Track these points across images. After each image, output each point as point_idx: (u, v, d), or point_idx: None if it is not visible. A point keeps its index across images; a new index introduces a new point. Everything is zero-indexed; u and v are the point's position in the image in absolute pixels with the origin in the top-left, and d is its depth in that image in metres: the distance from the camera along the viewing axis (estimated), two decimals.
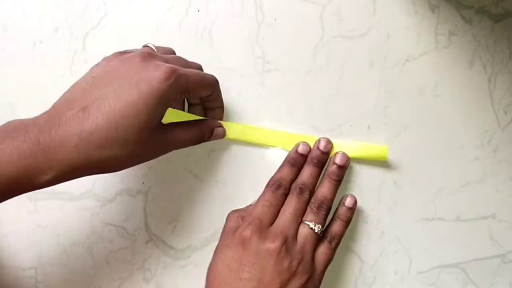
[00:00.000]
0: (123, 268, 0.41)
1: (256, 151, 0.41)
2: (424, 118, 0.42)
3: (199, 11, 0.42)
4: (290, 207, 0.36)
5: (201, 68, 0.38)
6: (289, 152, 0.39)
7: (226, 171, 0.41)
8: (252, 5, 0.42)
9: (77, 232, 0.40)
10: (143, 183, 0.41)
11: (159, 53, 0.34)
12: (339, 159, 0.38)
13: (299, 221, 0.36)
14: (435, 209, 0.42)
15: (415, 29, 0.42)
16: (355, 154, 0.40)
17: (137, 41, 0.41)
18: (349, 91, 0.42)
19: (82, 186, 0.40)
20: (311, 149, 0.39)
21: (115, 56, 0.33)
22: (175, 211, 0.41)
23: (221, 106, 0.39)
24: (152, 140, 0.31)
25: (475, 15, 0.43)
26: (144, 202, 0.41)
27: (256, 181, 0.41)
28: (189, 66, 0.35)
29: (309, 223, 0.36)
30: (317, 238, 0.36)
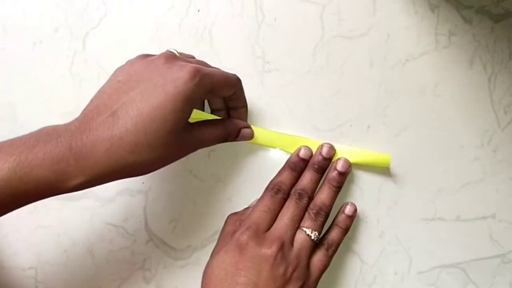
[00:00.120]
0: (123, 268, 0.40)
1: (256, 151, 0.41)
2: (424, 118, 0.42)
3: (199, 11, 0.42)
4: (288, 212, 0.36)
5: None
6: (290, 155, 0.39)
7: (226, 171, 0.41)
8: (252, 5, 0.42)
9: (77, 232, 0.40)
10: (143, 183, 0.41)
11: (181, 57, 0.34)
12: (340, 166, 0.38)
13: (296, 226, 0.36)
14: (435, 209, 0.42)
15: (415, 29, 0.42)
16: (357, 161, 0.40)
17: (137, 41, 0.41)
18: (349, 91, 0.42)
19: None
20: (312, 154, 0.39)
21: (139, 59, 0.33)
22: (175, 211, 0.41)
23: (244, 105, 0.39)
24: (180, 141, 0.32)
25: (475, 15, 0.43)
26: (144, 202, 0.41)
27: (256, 181, 0.41)
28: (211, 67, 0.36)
29: (306, 230, 0.36)
30: (313, 244, 0.36)
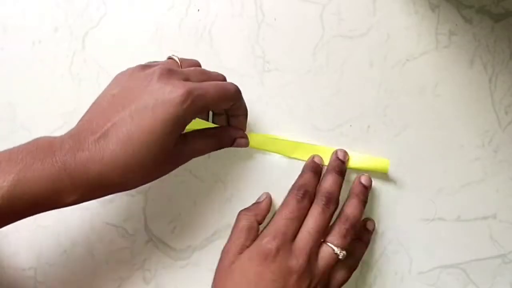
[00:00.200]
0: (123, 268, 0.40)
1: (256, 151, 0.41)
2: (424, 118, 0.42)
3: (199, 10, 0.42)
4: (315, 222, 0.36)
5: (224, 78, 0.37)
6: (306, 162, 0.40)
7: (226, 171, 0.41)
8: (252, 5, 0.42)
9: (77, 232, 0.40)
10: None
11: (180, 68, 0.34)
12: (364, 180, 0.39)
13: (323, 238, 0.36)
14: (435, 209, 0.42)
15: (415, 28, 0.42)
16: (356, 165, 0.40)
17: (137, 41, 0.41)
18: (349, 91, 0.42)
19: None
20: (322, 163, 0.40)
21: (137, 71, 0.32)
22: (175, 211, 0.41)
23: (244, 113, 0.38)
24: (171, 157, 0.33)
25: (475, 15, 0.42)
26: (144, 202, 0.41)
27: (256, 182, 0.41)
28: (211, 79, 0.35)
29: (335, 248, 0.36)
30: (338, 261, 0.36)
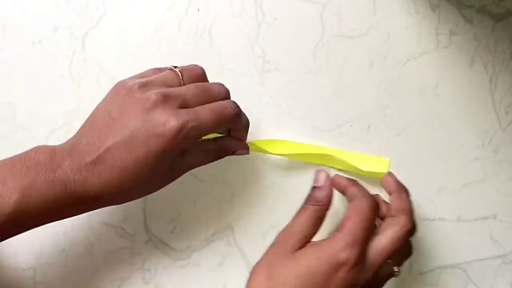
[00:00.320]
0: (123, 268, 0.40)
1: (256, 152, 0.41)
2: (424, 118, 0.42)
3: (198, 10, 0.42)
4: (392, 245, 0.33)
5: (227, 94, 0.35)
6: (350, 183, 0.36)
7: (226, 171, 0.41)
8: (252, 4, 0.42)
9: (76, 232, 0.40)
10: None
11: (178, 88, 0.33)
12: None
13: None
14: (435, 210, 0.42)
15: (415, 28, 0.42)
16: (356, 165, 0.40)
17: (136, 41, 0.41)
18: (349, 91, 0.42)
19: None
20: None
21: (135, 89, 0.32)
22: (175, 211, 0.41)
23: (245, 127, 0.37)
24: (168, 174, 0.33)
25: (476, 15, 0.42)
26: (143, 202, 0.41)
27: (256, 182, 0.41)
28: (211, 98, 0.34)
29: (395, 268, 0.35)
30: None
